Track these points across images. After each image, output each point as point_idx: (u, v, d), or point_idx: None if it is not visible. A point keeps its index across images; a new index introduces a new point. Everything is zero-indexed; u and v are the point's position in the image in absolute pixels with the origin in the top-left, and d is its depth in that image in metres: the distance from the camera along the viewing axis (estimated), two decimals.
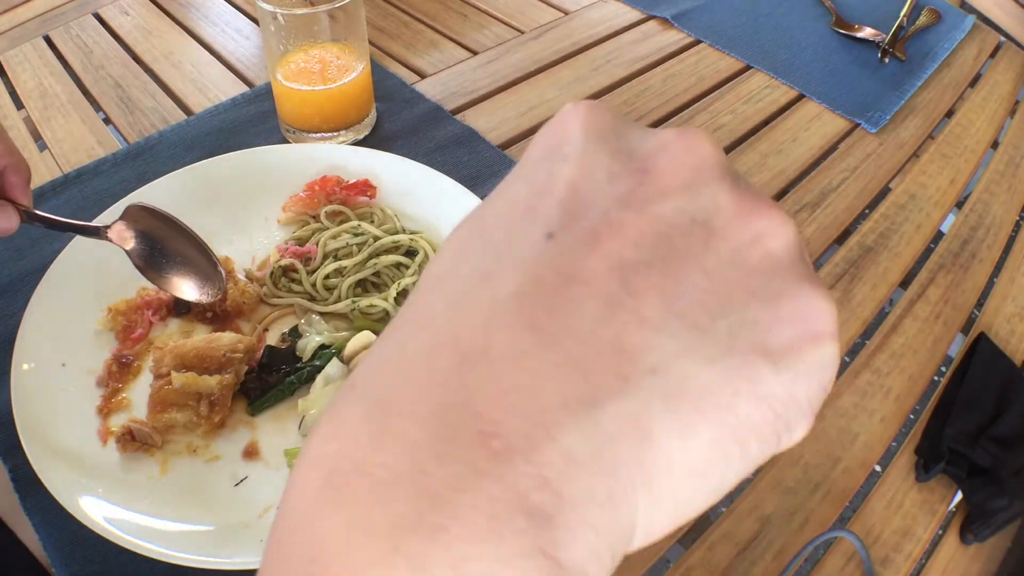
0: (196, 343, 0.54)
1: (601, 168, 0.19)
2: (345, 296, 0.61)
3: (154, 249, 0.57)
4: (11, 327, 0.56)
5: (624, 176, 0.18)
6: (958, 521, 0.53)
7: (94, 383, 0.55)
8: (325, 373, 0.54)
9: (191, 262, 0.57)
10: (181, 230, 0.57)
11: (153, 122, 0.82)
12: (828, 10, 1.04)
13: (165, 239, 0.57)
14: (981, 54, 1.00)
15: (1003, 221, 0.76)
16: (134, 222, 0.56)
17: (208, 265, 0.58)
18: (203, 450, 0.52)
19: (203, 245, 0.57)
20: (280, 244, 0.65)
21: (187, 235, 0.57)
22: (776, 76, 0.92)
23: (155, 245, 0.57)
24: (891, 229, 0.74)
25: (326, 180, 0.67)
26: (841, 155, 0.82)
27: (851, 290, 0.68)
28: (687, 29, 0.99)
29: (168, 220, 0.57)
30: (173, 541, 0.46)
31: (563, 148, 0.20)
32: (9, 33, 0.96)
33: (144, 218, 0.56)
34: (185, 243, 0.57)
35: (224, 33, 0.97)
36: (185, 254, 0.57)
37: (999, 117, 0.90)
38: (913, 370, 0.62)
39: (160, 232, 0.57)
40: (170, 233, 0.57)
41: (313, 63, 0.73)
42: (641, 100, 0.87)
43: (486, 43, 0.96)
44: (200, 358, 0.53)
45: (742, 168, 0.79)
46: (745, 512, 0.52)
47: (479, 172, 0.75)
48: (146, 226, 0.56)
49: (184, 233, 0.57)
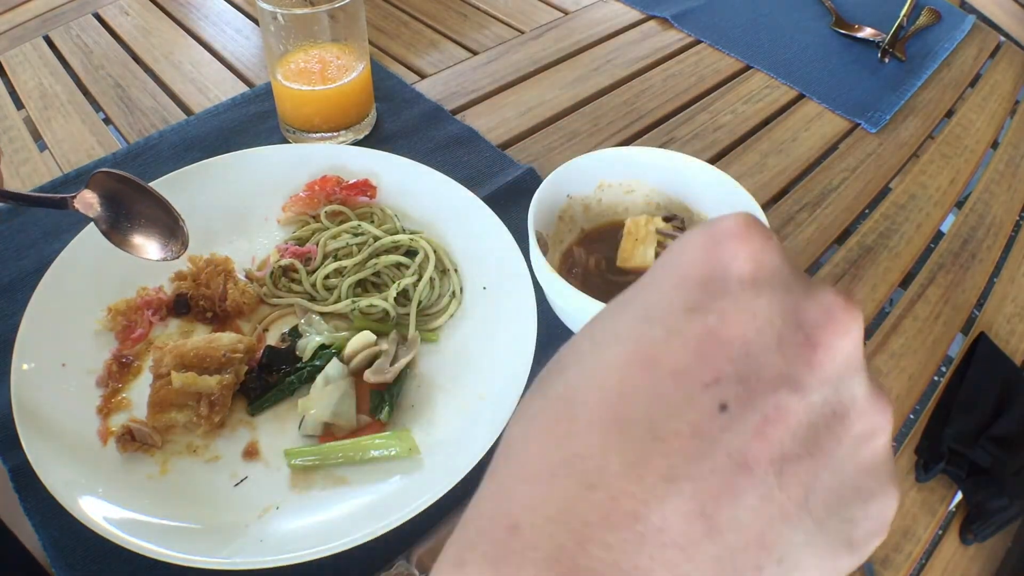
0: (196, 343, 0.54)
1: (773, 328, 0.19)
2: (345, 296, 0.61)
3: (119, 214, 0.56)
4: (11, 327, 0.56)
5: (793, 348, 0.19)
6: (958, 521, 0.53)
7: (94, 383, 0.55)
8: (325, 373, 0.54)
9: (155, 221, 0.56)
10: (145, 192, 0.56)
11: (153, 122, 0.82)
12: (828, 10, 1.04)
13: (130, 202, 0.56)
14: (981, 54, 1.00)
15: (1003, 221, 0.76)
16: (99, 188, 0.55)
17: (171, 222, 0.56)
18: (203, 450, 0.52)
19: (166, 204, 0.56)
20: (280, 244, 0.65)
21: (151, 196, 0.56)
22: (776, 76, 0.92)
23: (120, 210, 0.56)
24: (891, 229, 0.74)
25: (326, 180, 0.67)
26: (841, 155, 0.82)
27: (851, 290, 0.68)
28: (687, 29, 0.99)
29: (132, 183, 0.56)
30: (173, 541, 0.46)
31: (730, 284, 0.19)
32: (9, 33, 0.96)
33: (109, 183, 0.55)
34: (149, 204, 0.56)
35: (224, 33, 0.97)
36: (149, 214, 0.56)
37: (999, 117, 0.90)
38: (913, 370, 0.62)
39: (125, 196, 0.56)
40: (135, 196, 0.56)
41: (313, 63, 0.73)
42: (641, 100, 0.87)
43: (486, 43, 0.96)
44: (200, 358, 0.53)
45: (742, 168, 0.79)
46: None
47: (479, 172, 0.75)
48: (111, 191, 0.55)
49: (148, 194, 0.56)
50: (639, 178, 0.64)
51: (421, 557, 0.47)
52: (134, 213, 0.56)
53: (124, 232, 0.56)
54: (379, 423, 0.53)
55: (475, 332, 0.59)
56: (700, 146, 0.82)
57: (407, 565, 0.46)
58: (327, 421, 0.52)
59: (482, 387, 0.55)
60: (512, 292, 0.60)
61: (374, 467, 0.51)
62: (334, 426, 0.53)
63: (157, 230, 0.56)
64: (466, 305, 0.62)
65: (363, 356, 0.56)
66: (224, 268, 0.61)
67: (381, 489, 0.50)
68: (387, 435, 0.51)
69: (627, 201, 0.65)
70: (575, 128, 0.83)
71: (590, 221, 0.65)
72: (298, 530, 0.48)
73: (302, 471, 0.51)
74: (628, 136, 0.83)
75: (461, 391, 0.55)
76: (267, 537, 0.47)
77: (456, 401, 0.55)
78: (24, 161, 0.77)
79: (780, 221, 0.74)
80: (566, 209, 0.63)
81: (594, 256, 0.62)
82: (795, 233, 0.73)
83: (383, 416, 0.53)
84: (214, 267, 0.60)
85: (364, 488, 0.50)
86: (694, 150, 0.81)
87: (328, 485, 0.50)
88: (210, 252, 0.63)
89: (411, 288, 0.61)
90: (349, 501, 0.49)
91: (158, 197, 0.56)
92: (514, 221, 0.64)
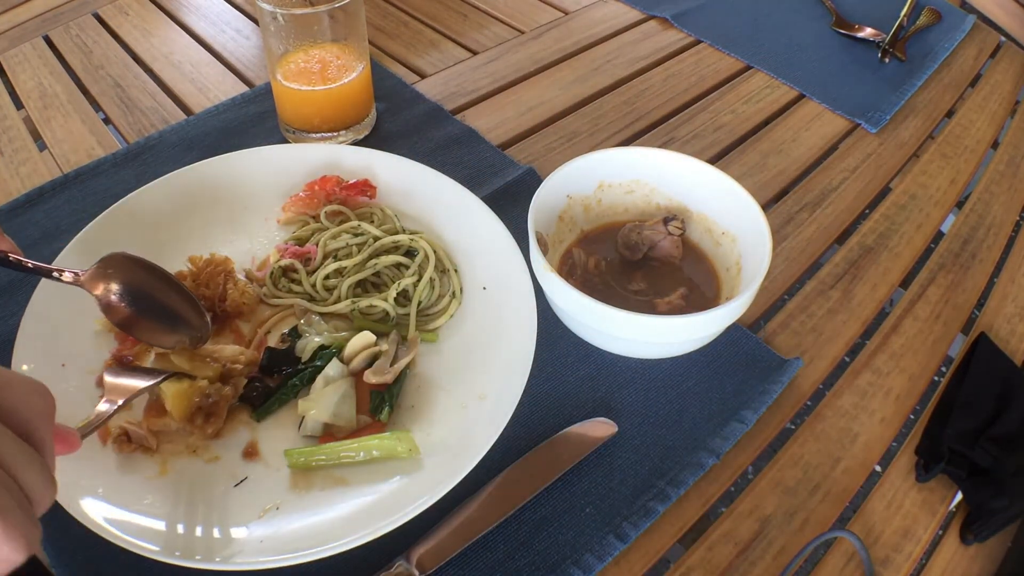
0: (199, 351, 0.54)
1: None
2: (345, 296, 0.61)
3: (135, 299, 0.53)
4: (11, 327, 0.56)
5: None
6: (958, 521, 0.53)
7: (94, 383, 0.55)
8: (325, 374, 0.54)
9: (171, 310, 0.54)
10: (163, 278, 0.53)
11: (153, 122, 0.82)
12: (828, 10, 1.04)
13: (146, 289, 0.53)
14: (981, 54, 1.00)
15: (1003, 221, 0.76)
16: (111, 271, 0.52)
17: (192, 312, 0.54)
18: (203, 450, 0.52)
19: (184, 290, 0.54)
20: (280, 244, 0.65)
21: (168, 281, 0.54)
22: (776, 76, 0.92)
23: (133, 296, 0.52)
24: (891, 229, 0.74)
25: (326, 180, 0.67)
26: (841, 155, 0.82)
27: (851, 290, 0.68)
28: (687, 29, 0.99)
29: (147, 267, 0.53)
30: (173, 542, 0.46)
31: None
32: (9, 33, 0.96)
33: (125, 268, 0.52)
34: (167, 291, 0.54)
35: (224, 33, 0.97)
36: (167, 303, 0.54)
37: (999, 117, 0.90)
38: (913, 370, 0.62)
39: (140, 282, 0.53)
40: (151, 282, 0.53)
41: (313, 63, 0.73)
42: (641, 100, 0.87)
43: (486, 43, 0.96)
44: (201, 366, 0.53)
45: (742, 168, 0.79)
46: (745, 512, 0.52)
47: (479, 172, 0.75)
48: (124, 276, 0.52)
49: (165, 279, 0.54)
50: (639, 178, 0.64)
51: (421, 557, 0.47)
52: (151, 300, 0.53)
53: (138, 320, 0.53)
54: (379, 423, 0.53)
55: (475, 332, 0.59)
56: (700, 146, 0.82)
57: (407, 565, 0.46)
58: (327, 421, 0.52)
59: (482, 387, 0.55)
60: (512, 292, 0.60)
61: (374, 467, 0.51)
62: (334, 426, 0.53)
63: (172, 320, 0.54)
64: (466, 305, 0.62)
65: (363, 356, 0.56)
66: (224, 268, 0.60)
67: (381, 489, 0.50)
68: (387, 435, 0.51)
69: (627, 201, 0.65)
70: (575, 128, 0.83)
71: (590, 222, 0.65)
72: (298, 530, 0.48)
73: (302, 471, 0.51)
74: (628, 136, 0.83)
75: (461, 391, 0.55)
76: (267, 537, 0.47)
77: (456, 401, 0.55)
78: (24, 161, 0.77)
79: (780, 221, 0.74)
80: (566, 210, 0.63)
81: (594, 257, 0.62)
82: (795, 233, 0.73)
83: (383, 416, 0.53)
84: (214, 267, 0.60)
85: (364, 488, 0.50)
86: (694, 150, 0.81)
87: (328, 485, 0.50)
88: (210, 252, 0.62)
89: (411, 288, 0.61)
90: (349, 501, 0.49)
91: (178, 285, 0.53)
92: (514, 221, 0.64)
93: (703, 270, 0.62)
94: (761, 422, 0.57)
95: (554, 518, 0.50)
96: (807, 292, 0.67)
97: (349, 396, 0.54)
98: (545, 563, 0.48)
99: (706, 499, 0.53)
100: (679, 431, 0.55)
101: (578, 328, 0.58)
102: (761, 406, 0.57)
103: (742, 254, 0.59)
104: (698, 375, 0.59)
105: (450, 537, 0.48)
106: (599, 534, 0.50)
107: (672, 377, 0.58)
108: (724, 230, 0.62)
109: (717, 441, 0.54)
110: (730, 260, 0.61)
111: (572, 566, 0.48)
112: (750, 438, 0.56)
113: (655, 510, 0.51)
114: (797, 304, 0.66)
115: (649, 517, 0.50)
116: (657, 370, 0.59)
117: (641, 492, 0.52)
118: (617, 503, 0.51)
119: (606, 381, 0.58)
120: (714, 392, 0.58)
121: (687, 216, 0.64)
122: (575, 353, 0.60)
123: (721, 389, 0.58)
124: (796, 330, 0.64)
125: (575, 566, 0.48)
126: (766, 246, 0.55)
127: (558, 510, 0.51)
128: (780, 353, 0.61)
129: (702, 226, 0.63)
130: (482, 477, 0.51)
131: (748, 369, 0.59)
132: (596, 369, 0.59)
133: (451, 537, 0.48)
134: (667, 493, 0.52)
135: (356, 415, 0.53)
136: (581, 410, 0.56)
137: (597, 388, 0.58)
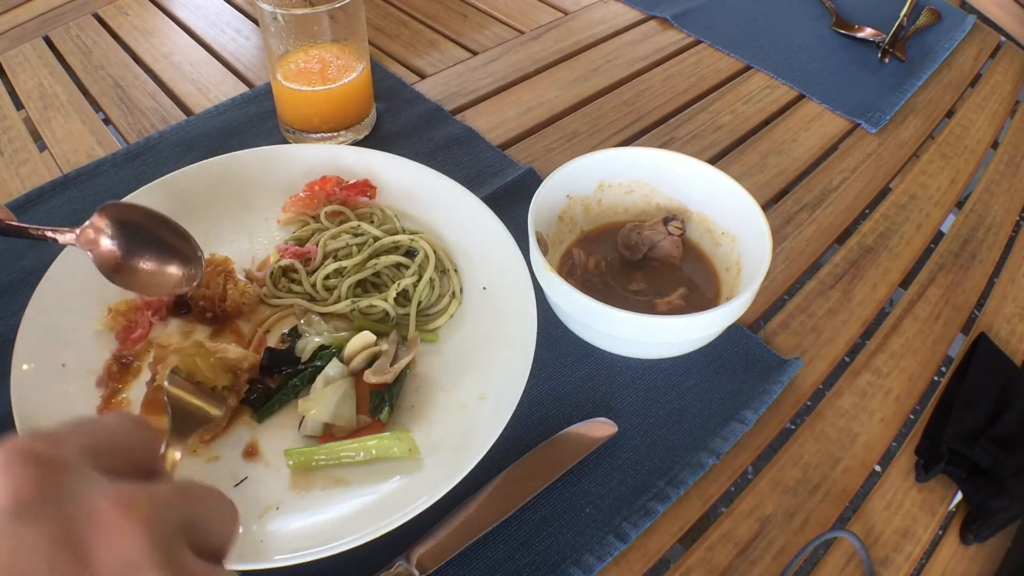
0: (202, 351, 0.54)
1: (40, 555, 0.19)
2: (345, 296, 0.61)
3: (128, 247, 0.56)
4: (11, 327, 0.56)
5: (65, 569, 0.19)
6: (958, 521, 0.53)
7: (94, 383, 0.55)
8: (325, 374, 0.54)
9: (167, 253, 0.56)
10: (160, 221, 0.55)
11: (153, 122, 0.82)
12: (828, 10, 1.04)
13: (140, 234, 0.56)
14: (981, 54, 1.00)
15: (1003, 221, 0.76)
16: (107, 220, 0.55)
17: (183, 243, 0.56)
18: (203, 450, 0.52)
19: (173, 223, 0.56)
20: (280, 244, 0.65)
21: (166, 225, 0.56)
22: (776, 76, 0.92)
23: (130, 243, 0.55)
24: (891, 229, 0.74)
25: (326, 180, 0.67)
26: (841, 155, 0.82)
27: (851, 290, 0.68)
28: (687, 29, 0.99)
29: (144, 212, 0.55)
30: None
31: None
32: (9, 33, 0.96)
33: (118, 214, 0.55)
34: (162, 235, 0.56)
35: (224, 33, 0.97)
36: (164, 244, 0.56)
37: (999, 117, 0.90)
38: (913, 370, 0.62)
39: (135, 228, 0.55)
40: (146, 226, 0.56)
41: (313, 63, 0.73)
42: (641, 100, 0.87)
43: (486, 43, 0.96)
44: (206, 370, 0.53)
45: (742, 168, 0.79)
46: (745, 512, 0.52)
47: (479, 172, 0.75)
48: (121, 222, 0.55)
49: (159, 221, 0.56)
50: (639, 178, 0.64)
51: (421, 557, 0.47)
52: (143, 245, 0.56)
53: (131, 269, 0.56)
54: (379, 423, 0.53)
55: (475, 332, 0.59)
56: (700, 146, 0.82)
57: (407, 565, 0.46)
58: (327, 421, 0.52)
59: (482, 387, 0.55)
60: (512, 292, 0.60)
61: (374, 467, 0.51)
62: (334, 426, 0.53)
63: (169, 262, 0.56)
64: (466, 305, 0.62)
65: (363, 356, 0.56)
66: (224, 268, 0.60)
67: (381, 489, 0.50)
68: (387, 435, 0.51)
69: (627, 201, 0.65)
70: (575, 128, 0.83)
71: (590, 222, 0.65)
72: (298, 530, 0.48)
73: (302, 471, 0.51)
74: (628, 136, 0.83)
75: (461, 391, 0.55)
76: (267, 537, 0.47)
77: (456, 401, 0.55)
78: (24, 161, 0.77)
79: (780, 221, 0.74)
80: (566, 210, 0.63)
81: (594, 257, 0.62)
82: (795, 233, 0.73)
83: (383, 416, 0.53)
84: (214, 267, 0.60)
85: (364, 488, 0.50)
86: (694, 150, 0.81)
87: (328, 485, 0.50)
88: (210, 252, 0.62)
89: (411, 288, 0.61)
90: (349, 501, 0.49)
91: (174, 226, 0.55)
92: (514, 221, 0.64)
93: (703, 270, 0.62)
94: (761, 422, 0.57)
95: (554, 518, 0.50)
96: (807, 292, 0.67)
97: (349, 396, 0.54)
98: (545, 563, 0.48)
99: (706, 499, 0.53)
100: (679, 431, 0.55)
101: (578, 328, 0.58)
102: (761, 406, 0.57)
103: (742, 254, 0.59)
104: (698, 375, 0.59)
105: (450, 537, 0.48)
106: (599, 534, 0.50)
107: (672, 377, 0.58)
108: (724, 230, 0.62)
109: (717, 441, 0.54)
110: (730, 260, 0.61)
111: (572, 566, 0.48)
112: (750, 438, 0.56)
113: (655, 510, 0.51)
114: (797, 304, 0.66)
115: (649, 517, 0.51)
116: (657, 370, 0.59)
117: (641, 492, 0.52)
118: (617, 503, 0.51)
119: (606, 381, 0.58)
120: (714, 392, 0.58)
121: (687, 216, 0.64)
122: (575, 353, 0.60)
123: (721, 389, 0.58)
124: (796, 330, 0.64)
125: (575, 566, 0.48)
126: (766, 246, 0.55)
127: (558, 510, 0.51)
128: (780, 353, 0.61)
129: (702, 226, 0.63)
130: (482, 477, 0.51)
131: (748, 369, 0.59)
132: (596, 369, 0.59)
133: (451, 537, 0.48)
134: (667, 493, 0.52)
135: (356, 415, 0.53)
136: (581, 410, 0.56)
137: (597, 388, 0.58)
